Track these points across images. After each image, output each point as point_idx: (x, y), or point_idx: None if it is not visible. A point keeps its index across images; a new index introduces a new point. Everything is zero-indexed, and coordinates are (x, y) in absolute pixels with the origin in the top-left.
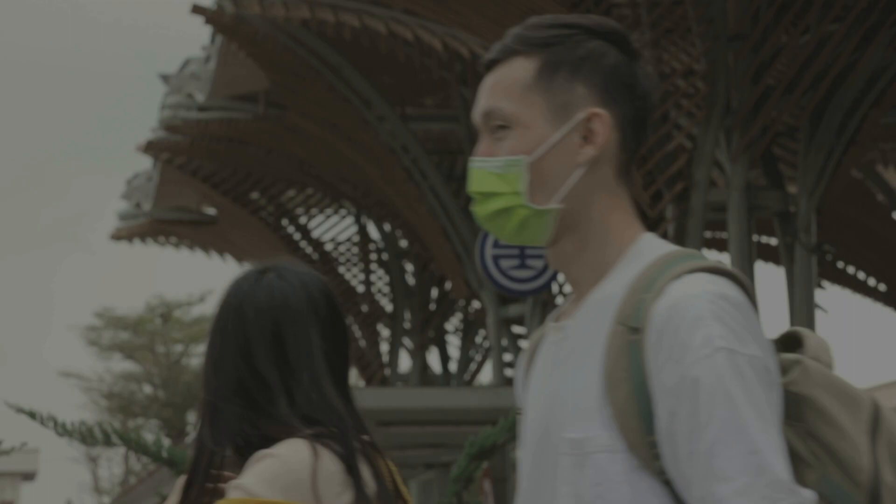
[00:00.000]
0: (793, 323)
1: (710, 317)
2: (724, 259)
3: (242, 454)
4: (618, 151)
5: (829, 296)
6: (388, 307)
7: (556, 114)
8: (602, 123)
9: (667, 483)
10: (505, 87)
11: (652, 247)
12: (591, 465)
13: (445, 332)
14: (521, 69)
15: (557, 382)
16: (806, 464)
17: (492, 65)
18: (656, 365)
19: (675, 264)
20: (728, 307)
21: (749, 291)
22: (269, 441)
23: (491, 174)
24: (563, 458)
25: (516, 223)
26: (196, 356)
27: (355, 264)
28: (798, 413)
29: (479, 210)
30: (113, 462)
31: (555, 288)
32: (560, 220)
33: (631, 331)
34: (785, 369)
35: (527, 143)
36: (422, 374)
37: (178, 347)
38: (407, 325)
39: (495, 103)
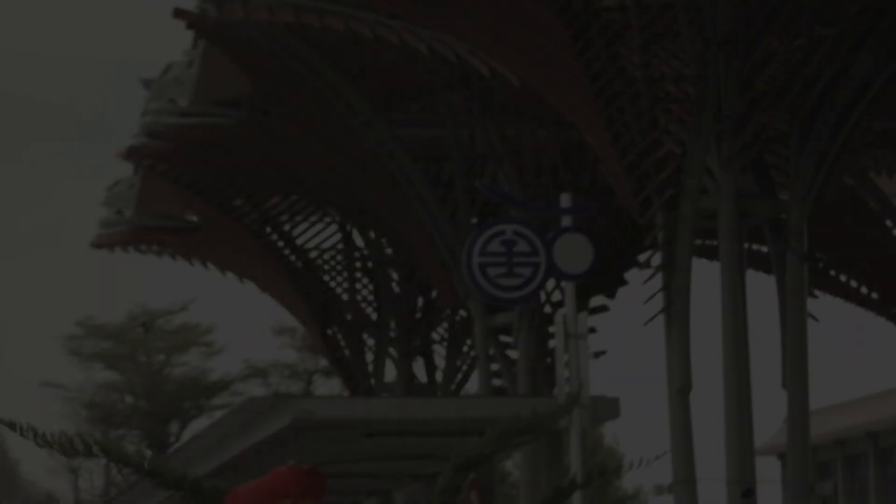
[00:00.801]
0: (784, 332)
1: None
2: (714, 267)
3: None
4: None
5: (821, 305)
6: (373, 316)
7: None
8: None
9: None
10: None
11: None
12: None
13: (431, 341)
14: None
15: None
16: None
17: None
18: None
19: None
20: None
21: None
22: None
23: None
24: None
25: None
26: (179, 366)
27: (340, 272)
28: None
29: None
30: (94, 474)
31: (542, 296)
32: None
33: None
34: None
35: None
36: (407, 383)
37: (161, 357)
38: (392, 334)
39: None
